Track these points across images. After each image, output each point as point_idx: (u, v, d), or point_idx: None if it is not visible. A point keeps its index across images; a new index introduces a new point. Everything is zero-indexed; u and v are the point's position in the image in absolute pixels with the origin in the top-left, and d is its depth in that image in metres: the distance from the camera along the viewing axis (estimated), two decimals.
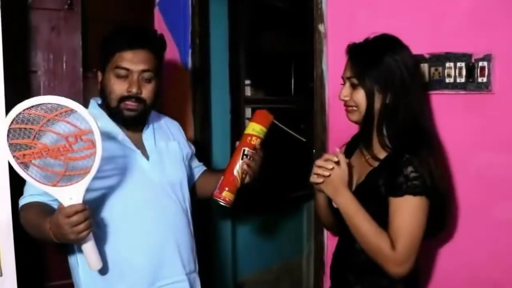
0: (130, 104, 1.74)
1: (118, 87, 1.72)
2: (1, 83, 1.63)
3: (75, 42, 2.23)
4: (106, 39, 1.78)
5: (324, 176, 1.54)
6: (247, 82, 3.57)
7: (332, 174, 1.53)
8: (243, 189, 1.78)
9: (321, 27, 2.16)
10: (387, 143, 1.55)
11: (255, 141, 1.76)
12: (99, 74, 1.80)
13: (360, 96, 1.56)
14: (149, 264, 1.76)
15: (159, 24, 2.78)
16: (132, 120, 1.78)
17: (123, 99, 1.73)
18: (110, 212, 1.73)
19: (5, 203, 1.64)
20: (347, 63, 1.61)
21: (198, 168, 2.14)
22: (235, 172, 1.74)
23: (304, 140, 2.13)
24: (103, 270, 1.69)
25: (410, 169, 1.46)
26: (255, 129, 1.77)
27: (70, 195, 1.46)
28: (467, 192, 1.81)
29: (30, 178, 1.46)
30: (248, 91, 3.61)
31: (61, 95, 1.44)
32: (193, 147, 2.11)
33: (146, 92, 1.75)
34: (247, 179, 1.78)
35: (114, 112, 1.77)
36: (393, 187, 1.48)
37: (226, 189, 1.73)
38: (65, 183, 1.47)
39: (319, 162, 1.56)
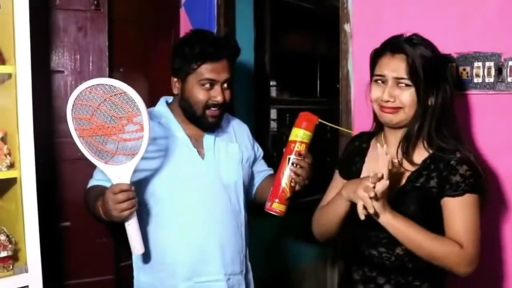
0: (214, 111, 1.82)
1: (203, 97, 1.80)
2: (29, 81, 1.67)
3: (102, 42, 2.25)
4: (186, 48, 1.81)
5: (370, 197, 1.39)
6: (273, 83, 3.56)
7: (381, 191, 1.40)
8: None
9: (346, 27, 2.14)
10: (434, 143, 1.49)
11: (300, 147, 1.65)
12: (176, 80, 1.85)
13: (407, 96, 1.47)
14: (189, 258, 1.82)
15: (185, 25, 2.79)
16: (215, 126, 1.89)
17: (207, 106, 1.81)
18: (158, 203, 1.82)
19: (31, 204, 1.70)
20: (388, 61, 1.50)
21: (263, 173, 2.12)
22: (283, 183, 1.66)
23: (352, 132, 2.05)
24: (147, 256, 1.82)
25: (465, 167, 1.45)
26: (298, 134, 1.66)
27: (119, 175, 1.60)
28: (497, 194, 1.77)
29: (87, 152, 1.60)
30: (274, 92, 3.60)
31: None
32: (260, 151, 2.14)
33: (228, 98, 1.84)
34: (297, 187, 1.69)
35: (197, 118, 1.84)
36: (450, 187, 1.45)
37: (276, 201, 1.68)
38: (115, 163, 1.61)
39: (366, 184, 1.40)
